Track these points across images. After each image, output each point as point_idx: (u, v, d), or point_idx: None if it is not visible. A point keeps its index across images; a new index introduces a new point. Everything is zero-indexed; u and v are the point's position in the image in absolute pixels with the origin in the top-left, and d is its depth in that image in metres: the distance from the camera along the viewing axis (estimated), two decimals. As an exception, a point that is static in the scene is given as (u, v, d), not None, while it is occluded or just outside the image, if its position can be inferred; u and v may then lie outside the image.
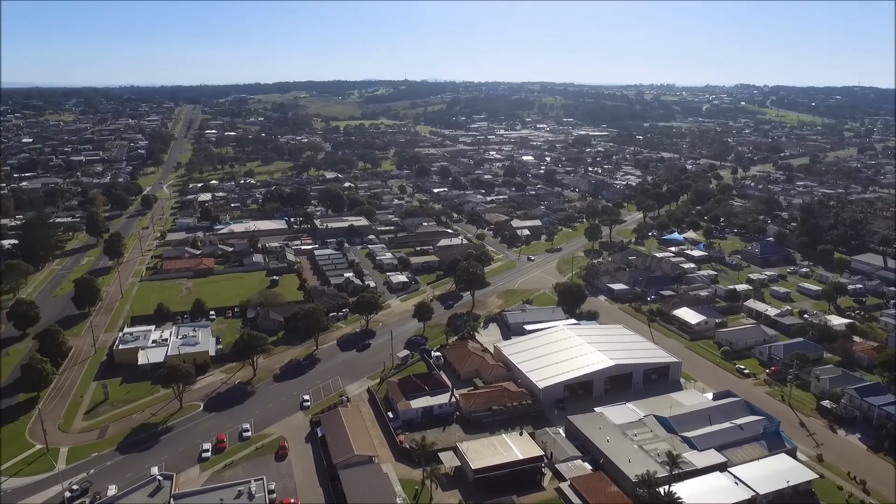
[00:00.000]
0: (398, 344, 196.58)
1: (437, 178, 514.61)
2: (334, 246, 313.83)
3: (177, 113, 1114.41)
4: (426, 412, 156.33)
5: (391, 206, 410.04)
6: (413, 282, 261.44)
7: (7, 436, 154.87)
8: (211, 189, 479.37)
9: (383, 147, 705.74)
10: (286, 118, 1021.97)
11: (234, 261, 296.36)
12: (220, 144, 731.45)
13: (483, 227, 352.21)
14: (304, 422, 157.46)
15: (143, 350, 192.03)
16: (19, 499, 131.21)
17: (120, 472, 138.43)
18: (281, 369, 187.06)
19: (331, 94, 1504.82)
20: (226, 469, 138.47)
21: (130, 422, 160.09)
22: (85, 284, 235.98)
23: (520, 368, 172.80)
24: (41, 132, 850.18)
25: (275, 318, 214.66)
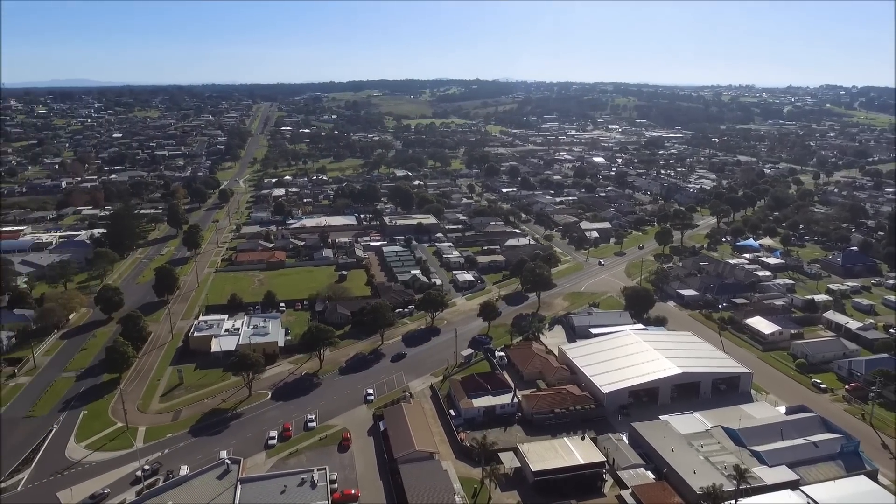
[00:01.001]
0: (462, 342, 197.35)
1: (506, 178, 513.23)
2: (402, 243, 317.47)
3: (254, 110, 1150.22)
4: (488, 411, 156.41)
5: (460, 205, 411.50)
6: (479, 281, 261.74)
7: (92, 413, 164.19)
8: (285, 184, 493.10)
9: (453, 146, 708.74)
10: (359, 116, 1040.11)
11: (304, 255, 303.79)
12: (294, 141, 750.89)
13: (551, 228, 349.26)
14: (367, 415, 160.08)
15: (217, 338, 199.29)
16: (102, 472, 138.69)
17: (191, 454, 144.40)
18: (346, 362, 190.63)
19: (403, 93, 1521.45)
20: (290, 457, 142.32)
21: (202, 406, 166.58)
22: (165, 273, 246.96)
23: (584, 372, 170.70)
24: (130, 128, 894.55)
25: (342, 312, 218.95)
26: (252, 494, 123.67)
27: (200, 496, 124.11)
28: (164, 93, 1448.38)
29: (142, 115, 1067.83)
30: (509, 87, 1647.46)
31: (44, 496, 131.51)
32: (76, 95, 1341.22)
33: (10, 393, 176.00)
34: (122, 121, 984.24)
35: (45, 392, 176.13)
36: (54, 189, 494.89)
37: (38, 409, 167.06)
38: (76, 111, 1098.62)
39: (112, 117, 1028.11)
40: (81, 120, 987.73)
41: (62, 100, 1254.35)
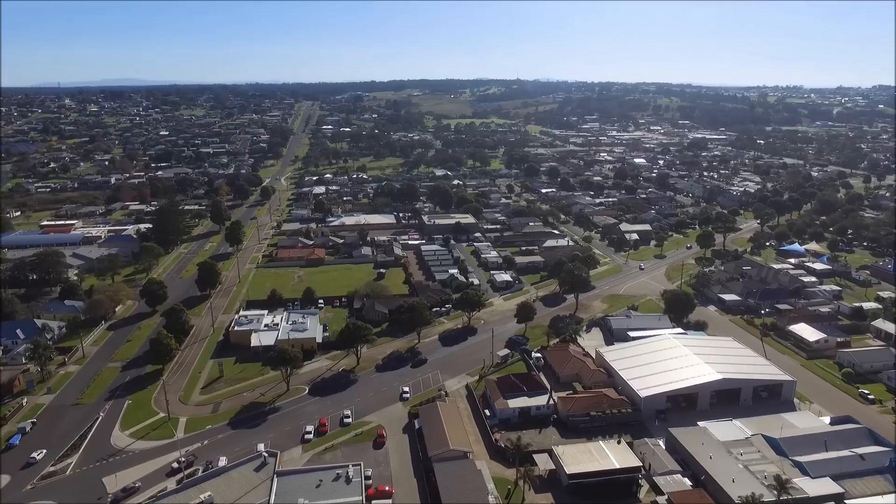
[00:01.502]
0: (499, 342, 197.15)
1: (545, 179, 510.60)
2: (440, 242, 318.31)
3: (296, 109, 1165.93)
4: (523, 412, 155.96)
5: (498, 205, 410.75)
6: (517, 281, 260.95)
7: (136, 402, 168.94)
8: (325, 182, 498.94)
9: (493, 146, 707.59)
10: (399, 115, 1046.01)
11: (343, 252, 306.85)
12: (335, 140, 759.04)
13: (590, 230, 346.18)
14: (402, 413, 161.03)
15: (256, 333, 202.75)
16: (145, 460, 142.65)
17: (230, 446, 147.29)
18: (383, 360, 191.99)
19: (443, 93, 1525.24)
20: (326, 452, 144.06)
21: (241, 399, 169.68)
22: (207, 268, 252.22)
23: (621, 375, 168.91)
24: (176, 126, 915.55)
25: (380, 309, 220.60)
26: (288, 487, 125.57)
27: (238, 487, 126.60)
28: (209, 91, 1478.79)
29: (187, 113, 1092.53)
30: (550, 87, 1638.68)
31: (90, 481, 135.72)
32: (126, 94, 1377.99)
33: (61, 380, 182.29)
34: (168, 119, 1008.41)
35: (93, 381, 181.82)
36: (104, 185, 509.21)
37: (85, 397, 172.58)
38: (125, 110, 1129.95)
39: (159, 115, 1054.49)
40: (130, 118, 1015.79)
41: (113, 99, 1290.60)
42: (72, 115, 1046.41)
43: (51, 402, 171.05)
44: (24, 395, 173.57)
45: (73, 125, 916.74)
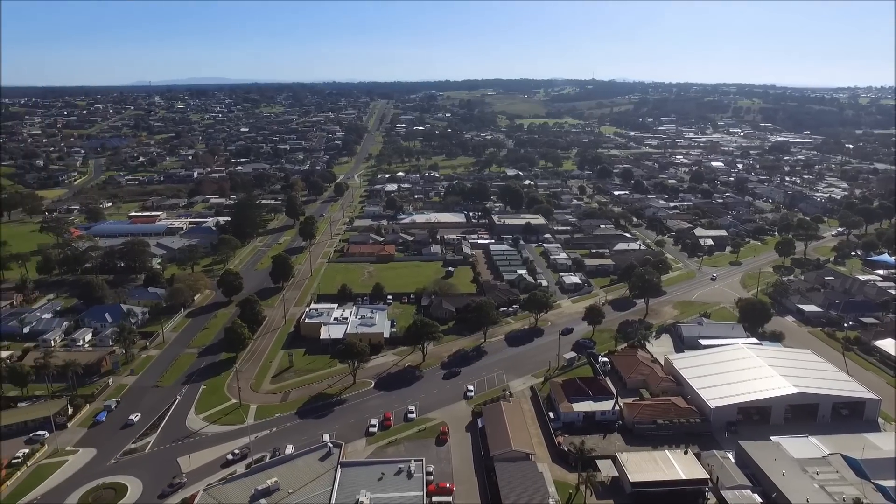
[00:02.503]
0: (565, 345, 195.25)
1: (618, 181, 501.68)
2: (510, 242, 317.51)
3: (371, 107, 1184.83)
4: (588, 417, 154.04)
5: (569, 206, 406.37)
6: (586, 284, 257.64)
7: (210, 388, 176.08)
8: (397, 180, 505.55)
9: (566, 146, 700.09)
10: (472, 115, 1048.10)
11: (413, 250, 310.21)
12: (408, 138, 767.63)
13: (663, 234, 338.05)
14: (466, 411, 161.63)
15: (326, 326, 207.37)
16: (217, 444, 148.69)
17: (296, 434, 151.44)
18: (449, 358, 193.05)
19: (517, 93, 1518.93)
20: (389, 446, 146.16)
21: (309, 390, 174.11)
22: (281, 261, 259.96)
23: (690, 384, 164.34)
24: (256, 123, 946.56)
25: (447, 307, 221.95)
26: (351, 478, 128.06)
27: (303, 475, 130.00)
28: (287, 90, 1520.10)
29: (267, 110, 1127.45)
30: (625, 88, 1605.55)
31: (166, 460, 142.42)
32: (210, 92, 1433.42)
33: (143, 363, 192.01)
34: (249, 116, 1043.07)
35: (171, 365, 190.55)
36: (187, 178, 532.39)
37: (164, 380, 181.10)
38: (209, 107, 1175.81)
39: (240, 113, 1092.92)
40: (213, 115, 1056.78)
41: (198, 96, 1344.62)
42: (160, 112, 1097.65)
43: (133, 382, 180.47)
44: (110, 376, 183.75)
45: (161, 121, 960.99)
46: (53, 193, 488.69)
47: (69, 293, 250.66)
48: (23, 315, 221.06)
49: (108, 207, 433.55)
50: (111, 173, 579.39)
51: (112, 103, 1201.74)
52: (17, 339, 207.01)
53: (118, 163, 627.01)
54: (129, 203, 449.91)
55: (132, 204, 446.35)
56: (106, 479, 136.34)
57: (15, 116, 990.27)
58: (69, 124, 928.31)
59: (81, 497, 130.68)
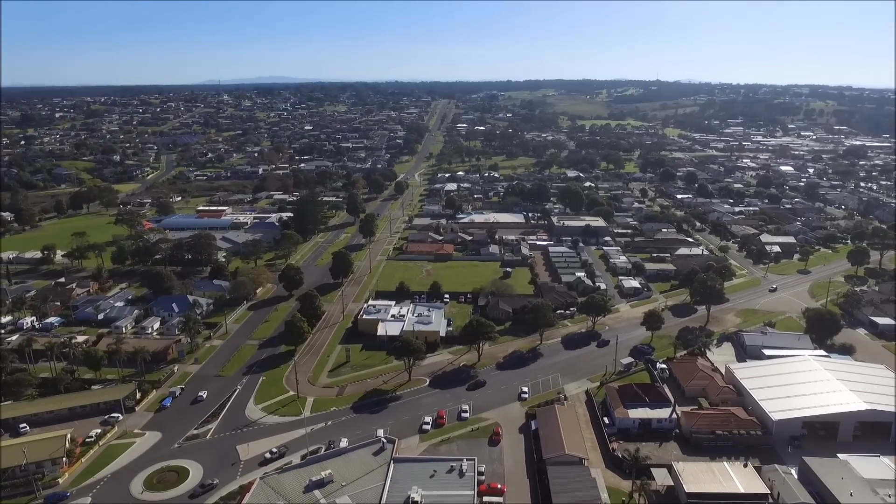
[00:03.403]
0: (623, 350, 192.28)
1: (681, 184, 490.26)
2: (569, 244, 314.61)
3: (433, 107, 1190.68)
4: (643, 424, 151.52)
5: (630, 209, 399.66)
6: (645, 288, 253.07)
7: (269, 379, 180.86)
8: (457, 179, 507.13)
9: (628, 148, 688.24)
10: (533, 115, 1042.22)
11: (471, 249, 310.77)
12: (469, 138, 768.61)
13: (727, 239, 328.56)
14: (519, 413, 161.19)
15: (383, 322, 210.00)
16: (274, 433, 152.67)
17: (351, 428, 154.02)
18: (504, 358, 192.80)
19: (579, 93, 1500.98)
20: (442, 444, 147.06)
21: (365, 385, 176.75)
22: (341, 258, 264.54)
23: (752, 395, 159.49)
24: (319, 121, 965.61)
25: (504, 308, 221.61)
26: (403, 474, 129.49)
27: (356, 469, 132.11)
28: (351, 89, 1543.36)
29: (330, 109, 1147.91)
30: (691, 89, 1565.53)
31: (226, 447, 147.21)
32: (276, 91, 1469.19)
33: (206, 353, 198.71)
34: (313, 114, 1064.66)
35: (233, 355, 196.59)
36: (252, 175, 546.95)
37: (226, 370, 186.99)
38: (275, 105, 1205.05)
39: (305, 111, 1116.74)
40: (279, 113, 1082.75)
41: (264, 95, 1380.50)
42: (229, 110, 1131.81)
43: (197, 371, 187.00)
44: (176, 363, 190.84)
45: (229, 119, 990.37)
46: (128, 187, 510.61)
47: (140, 283, 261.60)
48: (98, 302, 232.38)
49: (178, 202, 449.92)
50: (181, 169, 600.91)
51: (184, 101, 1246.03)
52: (92, 325, 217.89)
53: (188, 159, 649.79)
54: (198, 198, 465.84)
55: (200, 199, 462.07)
56: (169, 462, 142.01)
57: (95, 114, 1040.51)
58: (144, 121, 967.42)
59: (147, 478, 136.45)
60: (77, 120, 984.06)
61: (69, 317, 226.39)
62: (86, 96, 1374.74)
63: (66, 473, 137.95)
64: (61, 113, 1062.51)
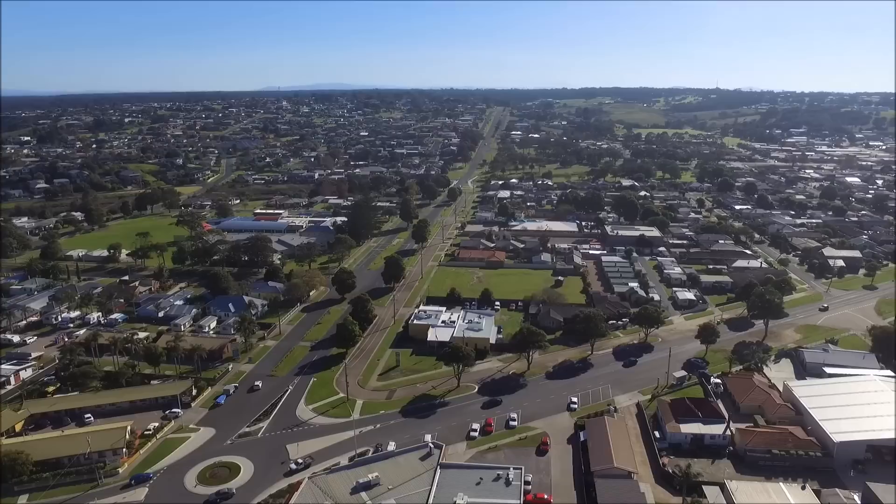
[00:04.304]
0: (676, 363, 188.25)
1: (740, 195, 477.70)
2: (622, 254, 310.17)
3: (487, 114, 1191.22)
4: (696, 439, 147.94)
5: (686, 220, 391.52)
6: (700, 301, 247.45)
7: (320, 381, 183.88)
8: (510, 187, 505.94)
9: (685, 157, 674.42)
10: (588, 123, 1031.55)
11: (523, 257, 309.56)
12: (523, 145, 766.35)
13: (788, 252, 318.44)
14: (568, 423, 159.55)
15: (433, 328, 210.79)
16: (323, 434, 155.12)
17: (399, 433, 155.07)
18: (554, 368, 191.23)
19: (635, 101, 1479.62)
20: (489, 451, 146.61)
21: (414, 390, 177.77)
22: (393, 262, 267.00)
23: (812, 414, 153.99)
24: (375, 127, 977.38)
25: (555, 317, 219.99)
26: (449, 480, 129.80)
27: (403, 473, 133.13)
28: (406, 96, 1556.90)
29: (386, 115, 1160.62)
30: (752, 97, 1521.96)
31: (276, 446, 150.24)
32: (333, 97, 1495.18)
33: (260, 353, 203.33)
34: (368, 120, 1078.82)
35: (286, 356, 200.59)
36: (308, 179, 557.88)
37: (278, 370, 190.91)
38: (332, 111, 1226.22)
39: (361, 117, 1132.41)
40: (335, 119, 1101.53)
41: (322, 101, 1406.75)
42: (287, 115, 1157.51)
43: (250, 370, 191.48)
44: (230, 362, 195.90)
45: (287, 125, 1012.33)
46: (189, 190, 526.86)
47: (199, 283, 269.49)
48: (159, 300, 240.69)
49: (236, 204, 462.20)
50: (240, 172, 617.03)
51: (244, 107, 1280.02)
52: (152, 322, 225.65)
53: (247, 163, 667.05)
54: (255, 201, 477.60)
55: (258, 202, 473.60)
56: (222, 458, 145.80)
57: (161, 119, 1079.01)
58: (206, 126, 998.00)
59: (200, 472, 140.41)
60: (144, 124, 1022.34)
61: (132, 314, 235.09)
62: (153, 102, 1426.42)
63: (125, 463, 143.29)
64: (130, 118, 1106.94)
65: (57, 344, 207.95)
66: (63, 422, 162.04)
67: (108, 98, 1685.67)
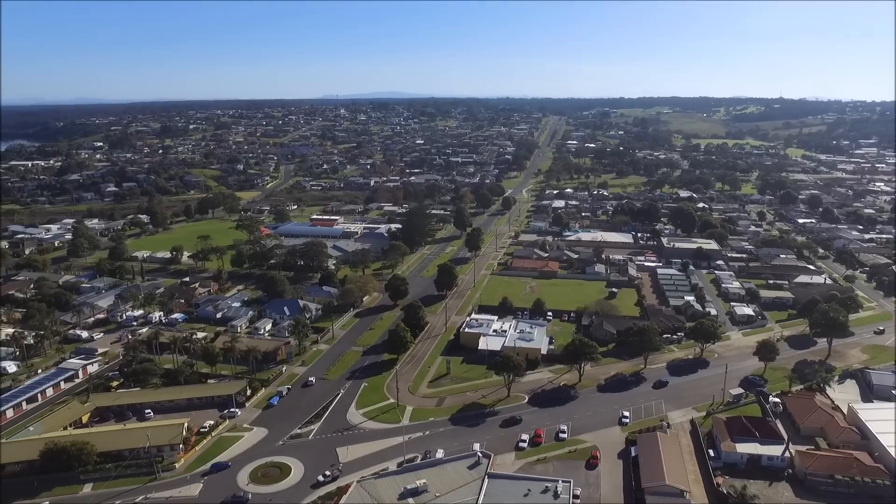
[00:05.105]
0: (732, 380, 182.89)
1: (804, 208, 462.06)
2: (678, 267, 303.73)
3: (543, 123, 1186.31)
4: (752, 460, 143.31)
5: (746, 233, 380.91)
6: (760, 317, 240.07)
7: (371, 386, 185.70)
8: (565, 197, 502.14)
9: (746, 169, 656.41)
10: (646, 133, 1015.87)
11: (577, 267, 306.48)
12: (578, 155, 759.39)
13: (854, 268, 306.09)
14: (619, 437, 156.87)
15: (485, 337, 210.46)
16: (373, 439, 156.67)
17: (448, 440, 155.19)
18: (606, 381, 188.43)
19: (695, 111, 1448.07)
20: (538, 463, 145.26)
21: (464, 398, 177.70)
22: (446, 270, 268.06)
23: (879, 439, 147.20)
24: (431, 135, 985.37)
25: (608, 329, 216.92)
26: (497, 490, 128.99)
27: (450, 480, 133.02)
28: (462, 104, 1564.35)
29: (442, 124, 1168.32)
30: (818, 107, 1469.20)
31: (326, 449, 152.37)
32: (390, 106, 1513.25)
33: (313, 356, 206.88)
34: (424, 129, 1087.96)
35: (338, 360, 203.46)
36: (364, 186, 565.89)
37: (330, 374, 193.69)
38: (388, 119, 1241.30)
39: (417, 125, 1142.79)
40: (392, 127, 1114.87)
41: (379, 109, 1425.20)
42: (344, 123, 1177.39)
43: (303, 373, 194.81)
44: (284, 364, 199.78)
45: (344, 132, 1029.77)
46: (249, 195, 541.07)
47: (255, 286, 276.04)
48: (217, 302, 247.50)
49: (294, 210, 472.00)
50: (298, 178, 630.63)
51: (303, 115, 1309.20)
52: (210, 323, 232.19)
53: (305, 169, 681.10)
54: (312, 207, 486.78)
55: (314, 207, 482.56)
56: (273, 458, 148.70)
57: (224, 126, 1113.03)
58: (266, 133, 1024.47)
59: (252, 471, 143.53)
60: (208, 131, 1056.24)
61: (191, 314, 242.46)
62: (217, 109, 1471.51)
63: (181, 459, 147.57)
64: (195, 125, 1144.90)
65: (121, 341, 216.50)
66: (125, 416, 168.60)
67: (174, 105, 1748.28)
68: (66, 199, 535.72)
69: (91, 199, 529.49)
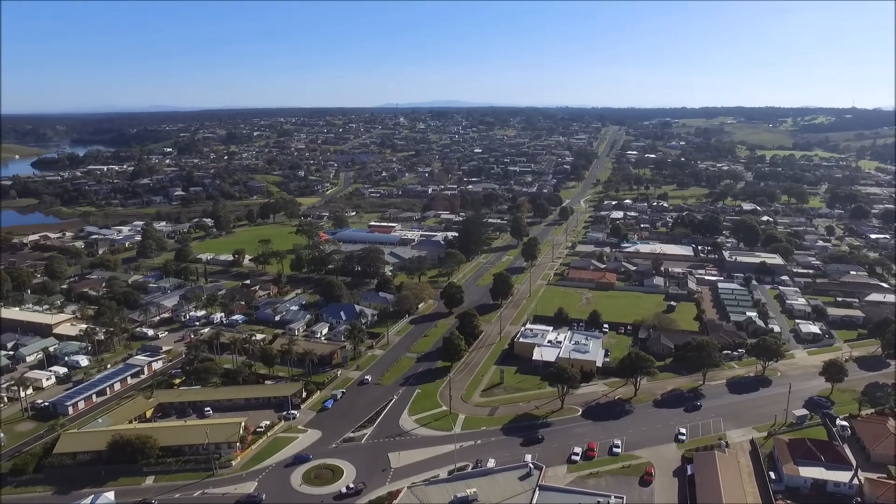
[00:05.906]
0: (796, 401, 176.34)
1: (876, 223, 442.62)
2: (741, 281, 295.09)
3: (602, 133, 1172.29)
4: (817, 485, 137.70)
5: (813, 248, 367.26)
6: (827, 335, 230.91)
7: (424, 392, 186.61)
8: (624, 207, 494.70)
9: (814, 181, 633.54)
10: (708, 144, 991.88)
11: (634, 280, 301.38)
12: (638, 165, 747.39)
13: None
14: (675, 455, 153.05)
15: (539, 347, 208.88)
16: (426, 446, 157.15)
17: (500, 450, 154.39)
18: (662, 396, 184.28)
19: (760, 121, 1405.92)
20: (590, 477, 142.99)
21: (516, 409, 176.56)
22: (502, 279, 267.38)
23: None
24: (489, 144, 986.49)
25: (665, 343, 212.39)
26: (547, 502, 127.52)
27: (501, 491, 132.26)
28: (521, 114, 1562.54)
29: (500, 133, 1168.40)
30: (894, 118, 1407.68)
31: (378, 453, 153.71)
32: (449, 114, 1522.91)
33: (368, 361, 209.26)
34: (483, 138, 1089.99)
35: (392, 366, 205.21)
36: (422, 194, 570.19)
37: (385, 379, 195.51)
38: (447, 128, 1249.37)
39: (475, 134, 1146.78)
40: (450, 135, 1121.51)
41: (438, 118, 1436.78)
42: (404, 131, 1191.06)
43: (358, 377, 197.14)
44: (339, 368, 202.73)
45: (403, 140, 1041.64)
46: (309, 201, 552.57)
47: (313, 290, 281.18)
48: (276, 305, 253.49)
49: (352, 216, 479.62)
50: (357, 185, 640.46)
51: (363, 123, 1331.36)
52: (269, 325, 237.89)
53: (364, 176, 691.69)
54: (370, 213, 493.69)
55: (372, 214, 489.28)
56: (326, 460, 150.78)
57: (286, 133, 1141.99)
58: (327, 140, 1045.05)
59: (305, 472, 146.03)
60: (271, 138, 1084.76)
61: (251, 316, 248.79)
62: (280, 117, 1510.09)
63: (238, 457, 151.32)
64: (259, 132, 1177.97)
65: (184, 340, 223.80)
66: (186, 412, 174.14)
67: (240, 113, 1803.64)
68: (137, 202, 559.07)
69: (160, 203, 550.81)
